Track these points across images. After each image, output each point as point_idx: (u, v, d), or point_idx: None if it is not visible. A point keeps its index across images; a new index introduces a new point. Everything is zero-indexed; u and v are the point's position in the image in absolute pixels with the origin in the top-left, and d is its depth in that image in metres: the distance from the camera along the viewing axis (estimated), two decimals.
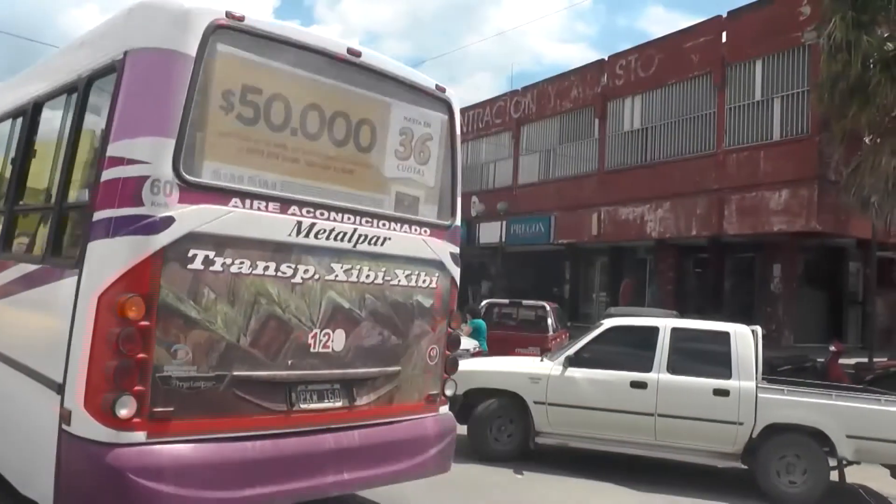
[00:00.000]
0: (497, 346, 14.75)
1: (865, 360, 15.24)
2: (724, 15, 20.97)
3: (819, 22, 15.90)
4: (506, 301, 19.04)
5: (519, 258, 29.73)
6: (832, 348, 14.85)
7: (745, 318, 20.21)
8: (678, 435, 8.30)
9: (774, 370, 14.61)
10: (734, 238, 20.62)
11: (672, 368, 8.39)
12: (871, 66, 14.45)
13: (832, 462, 8.02)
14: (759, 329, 8.86)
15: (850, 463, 8.07)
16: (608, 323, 9.38)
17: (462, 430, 8.52)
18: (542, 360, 9.15)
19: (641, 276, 24.79)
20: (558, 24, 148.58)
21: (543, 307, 17.10)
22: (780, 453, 7.98)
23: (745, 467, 8.26)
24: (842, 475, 8.09)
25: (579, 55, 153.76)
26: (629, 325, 9.65)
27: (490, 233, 27.11)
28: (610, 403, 8.41)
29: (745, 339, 8.50)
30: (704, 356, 8.59)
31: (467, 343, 13.14)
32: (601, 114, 24.74)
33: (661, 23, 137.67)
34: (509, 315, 18.51)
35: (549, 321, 16.38)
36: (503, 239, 26.44)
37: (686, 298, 22.25)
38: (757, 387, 8.17)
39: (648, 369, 8.42)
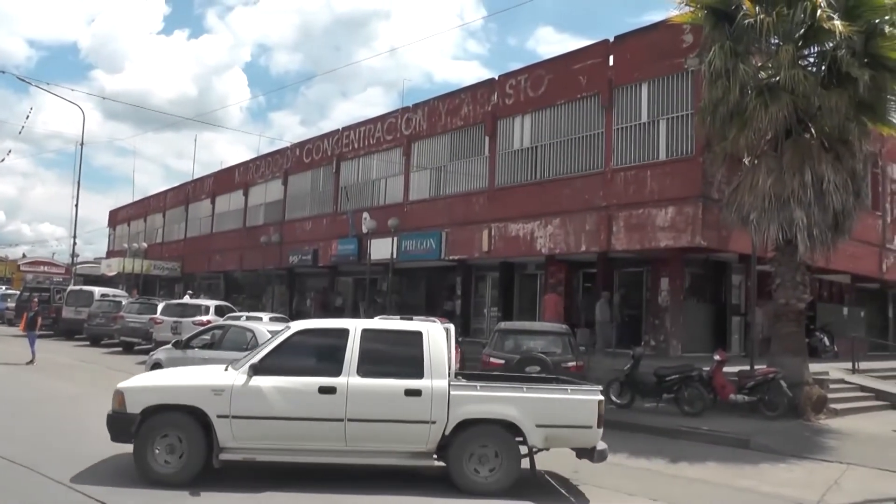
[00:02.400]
0: None
1: (747, 367, 15.99)
2: (612, 39, 21.55)
3: (700, 49, 16.58)
4: (397, 317, 19.00)
5: (410, 274, 29.81)
6: (717, 357, 15.64)
7: (634, 330, 21.14)
8: (370, 438, 8.23)
9: (662, 380, 15.38)
10: (622, 253, 21.17)
11: (363, 371, 8.28)
12: (748, 92, 15.21)
13: (524, 450, 8.38)
14: (451, 327, 9.17)
15: (539, 450, 8.45)
16: (295, 326, 9.08)
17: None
18: (226, 370, 8.58)
19: (533, 291, 25.33)
20: (450, 42, 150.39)
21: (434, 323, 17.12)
22: (473, 446, 8.22)
23: (442, 464, 8.32)
24: (532, 463, 8.45)
25: (471, 73, 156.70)
26: (317, 327, 9.57)
27: (381, 249, 26.93)
28: (298, 412, 8.12)
29: (437, 338, 8.57)
30: (397, 357, 8.58)
31: None
32: (491, 132, 24.98)
33: (552, 43, 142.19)
34: None
35: None
36: (394, 255, 26.33)
37: (576, 312, 22.87)
38: (450, 385, 8.28)
39: (338, 373, 8.24)
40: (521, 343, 14.65)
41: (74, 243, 42.17)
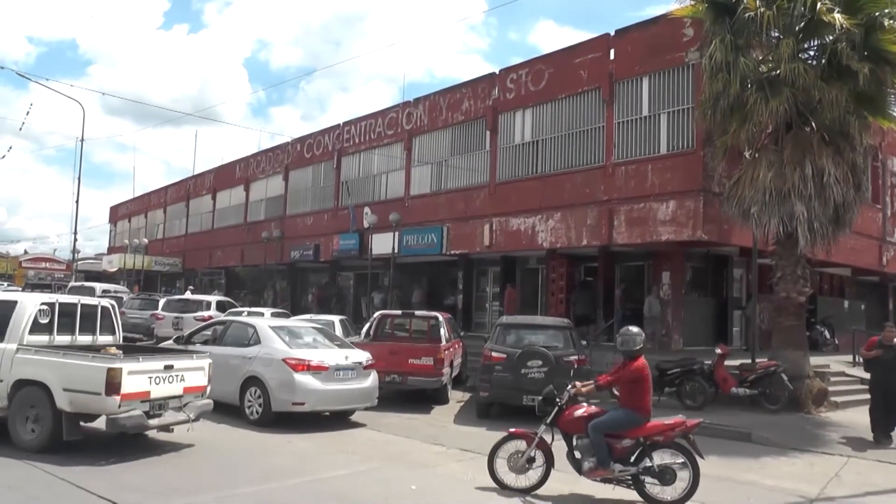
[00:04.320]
0: (390, 358, 14.78)
1: (748, 360, 16.06)
2: (612, 33, 21.49)
3: (701, 43, 16.62)
4: (398, 312, 19.01)
5: (412, 269, 29.81)
6: (718, 351, 15.66)
7: (636, 323, 21.06)
8: None
9: (664, 373, 15.40)
10: (624, 247, 21.22)
11: None
12: (749, 85, 15.26)
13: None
14: (59, 299, 10.24)
15: (78, 414, 8.85)
16: None
17: None
18: None
19: (535, 285, 25.34)
20: (451, 37, 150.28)
21: (436, 318, 17.07)
22: (23, 406, 9.05)
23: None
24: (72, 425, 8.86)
25: (472, 67, 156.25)
26: None
27: (383, 244, 26.95)
28: None
29: (25, 305, 9.68)
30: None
31: (360, 356, 13.13)
32: (492, 126, 24.94)
33: (552, 37, 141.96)
34: (402, 326, 18.51)
35: (442, 331, 16.34)
36: (396, 250, 26.39)
37: (577, 306, 22.83)
38: (18, 348, 9.26)
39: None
40: (522, 337, 14.65)
41: (75, 239, 42.03)
